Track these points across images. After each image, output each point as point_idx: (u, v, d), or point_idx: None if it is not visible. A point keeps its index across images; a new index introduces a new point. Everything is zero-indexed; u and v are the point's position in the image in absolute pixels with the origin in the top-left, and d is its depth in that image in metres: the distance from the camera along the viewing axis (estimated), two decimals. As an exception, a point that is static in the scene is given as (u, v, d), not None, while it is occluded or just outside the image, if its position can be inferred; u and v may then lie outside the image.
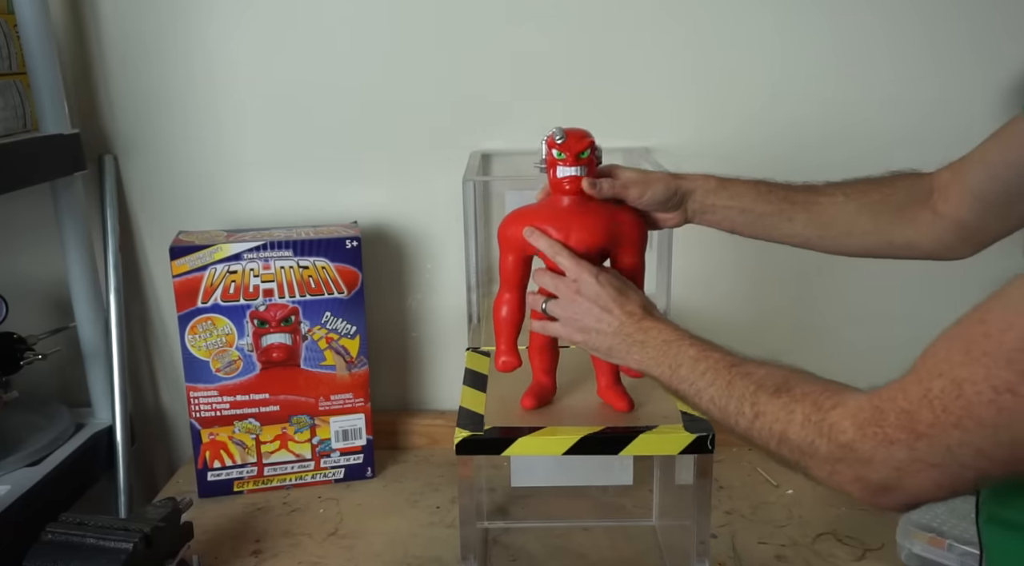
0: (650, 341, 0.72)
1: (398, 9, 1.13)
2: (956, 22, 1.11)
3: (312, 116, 1.17)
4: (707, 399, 0.66)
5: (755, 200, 0.83)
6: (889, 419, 0.52)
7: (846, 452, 0.54)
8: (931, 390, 0.50)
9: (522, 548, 0.99)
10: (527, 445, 0.75)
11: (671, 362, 0.69)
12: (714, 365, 0.67)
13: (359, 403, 1.12)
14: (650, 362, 0.71)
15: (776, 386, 0.61)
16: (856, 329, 1.23)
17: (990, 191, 0.76)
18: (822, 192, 0.83)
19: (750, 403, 0.62)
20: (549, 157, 0.79)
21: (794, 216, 0.83)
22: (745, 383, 0.63)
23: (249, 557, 0.98)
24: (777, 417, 0.59)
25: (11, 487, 0.98)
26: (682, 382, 0.68)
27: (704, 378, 0.66)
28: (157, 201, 1.20)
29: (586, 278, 0.76)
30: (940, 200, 0.80)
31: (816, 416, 0.56)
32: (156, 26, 1.14)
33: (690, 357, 0.68)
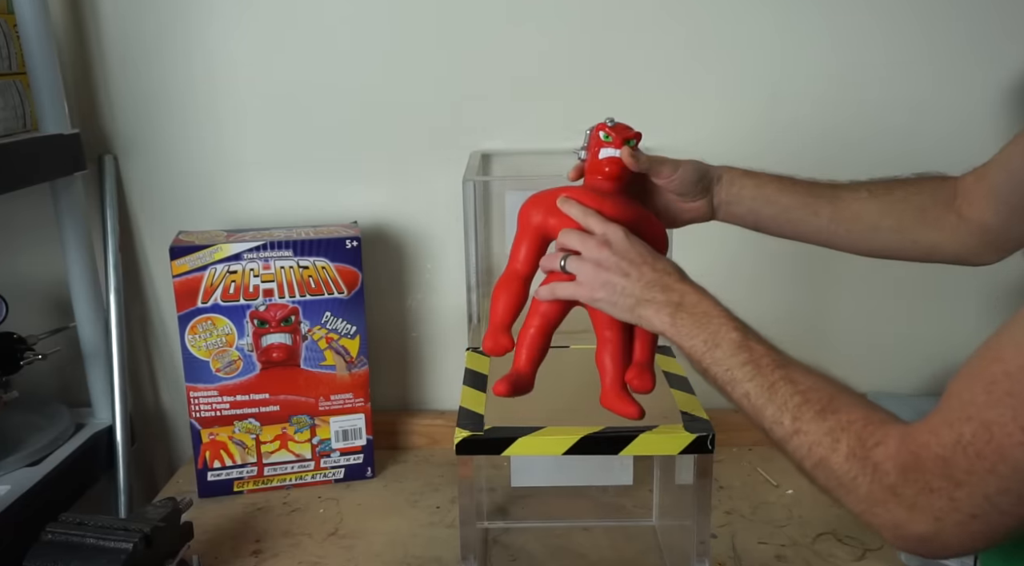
0: (687, 305, 0.68)
1: (398, 9, 1.13)
2: (955, 22, 1.11)
3: (312, 116, 1.17)
4: (741, 392, 0.63)
5: (780, 191, 0.82)
6: (927, 465, 0.50)
7: (888, 496, 0.52)
8: (963, 435, 0.49)
9: (522, 548, 1.00)
10: (527, 445, 0.75)
11: (707, 338, 0.66)
12: (757, 359, 0.63)
13: (359, 403, 1.12)
14: (682, 330, 0.67)
15: (822, 405, 0.58)
16: (855, 328, 1.23)
17: (1013, 194, 0.75)
18: (846, 188, 0.82)
19: (791, 416, 0.59)
20: (594, 139, 0.80)
21: (819, 210, 0.81)
22: (789, 391, 0.60)
23: (249, 557, 0.98)
24: (820, 442, 0.57)
25: (11, 487, 0.98)
26: (716, 364, 0.65)
27: (743, 370, 0.63)
28: (157, 201, 1.20)
29: (616, 233, 0.72)
30: (964, 204, 0.79)
31: (860, 451, 0.55)
32: (156, 26, 1.14)
33: (732, 341, 0.65)
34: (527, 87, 1.15)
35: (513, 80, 1.15)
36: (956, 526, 0.50)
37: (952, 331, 1.23)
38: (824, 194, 0.82)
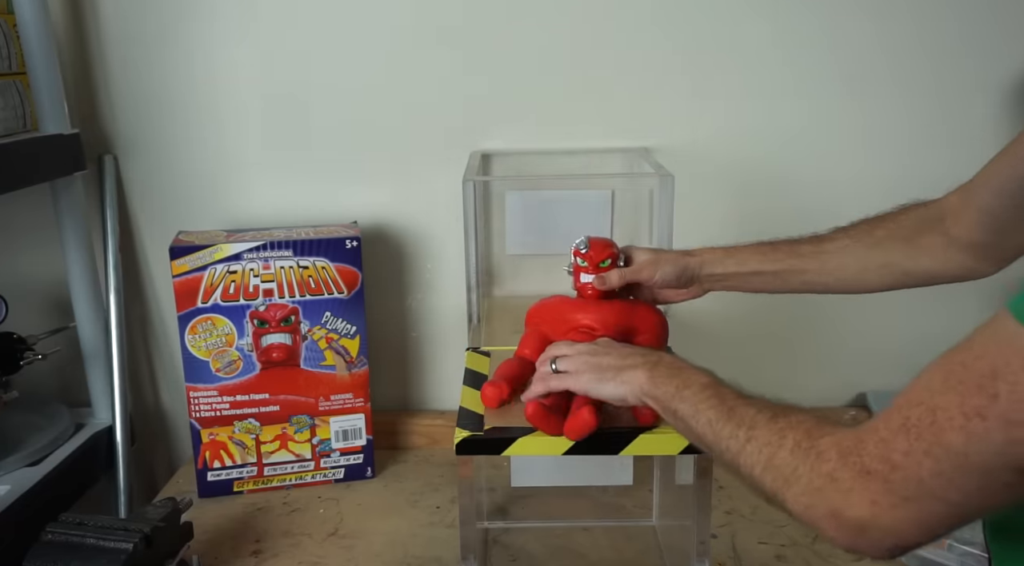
0: (662, 363, 0.71)
1: (398, 9, 1.13)
2: (952, 23, 1.11)
3: (312, 116, 1.17)
4: (704, 421, 0.65)
5: (762, 262, 0.85)
6: (868, 448, 0.51)
7: (826, 482, 0.52)
8: (909, 418, 0.49)
9: (522, 548, 1.00)
10: (527, 445, 0.75)
11: (680, 383, 0.68)
12: (721, 392, 0.66)
13: (359, 403, 1.12)
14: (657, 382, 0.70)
15: (775, 413, 0.60)
16: (855, 328, 1.23)
17: (1000, 207, 0.76)
18: (827, 240, 0.85)
19: (747, 427, 0.60)
20: (575, 264, 0.87)
21: (805, 268, 0.84)
22: (747, 410, 0.62)
23: (249, 557, 0.98)
24: (768, 441, 0.58)
25: (11, 487, 0.98)
26: (683, 402, 0.67)
27: (707, 402, 0.65)
28: (157, 201, 1.20)
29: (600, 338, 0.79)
30: (952, 224, 0.80)
31: (806, 443, 0.55)
32: (156, 26, 1.14)
33: (701, 384, 0.67)
34: (527, 87, 1.15)
35: (513, 80, 1.15)
36: (890, 510, 0.49)
37: (952, 331, 1.22)
38: (805, 252, 0.85)
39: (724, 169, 1.17)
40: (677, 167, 1.02)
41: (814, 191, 1.18)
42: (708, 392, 0.66)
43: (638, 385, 0.71)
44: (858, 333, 1.23)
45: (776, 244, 0.86)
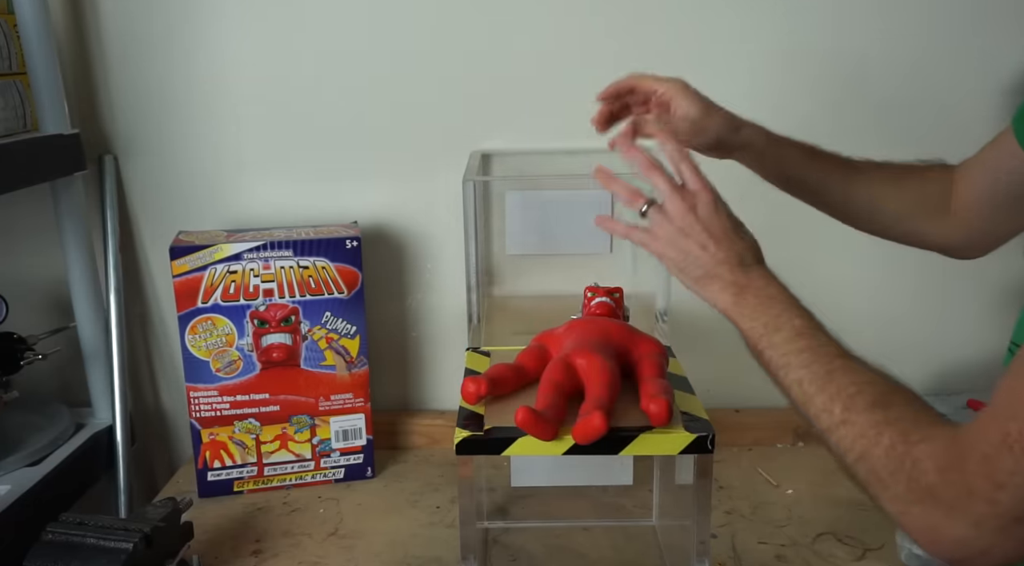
0: (751, 288, 0.67)
1: (398, 10, 1.13)
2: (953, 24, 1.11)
3: (312, 116, 1.17)
4: (794, 378, 0.61)
5: (797, 166, 0.84)
6: (970, 466, 0.48)
7: (926, 495, 0.50)
8: (1009, 434, 0.47)
9: (522, 548, 1.00)
10: (527, 445, 0.75)
11: (769, 321, 0.64)
12: (817, 346, 0.62)
13: (359, 403, 1.12)
14: (744, 311, 0.66)
15: (875, 398, 0.57)
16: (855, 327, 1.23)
17: (993, 195, 0.77)
18: (861, 169, 0.85)
19: (842, 405, 0.57)
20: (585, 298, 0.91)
21: (832, 186, 0.84)
22: (845, 382, 0.58)
23: (249, 557, 0.98)
24: (864, 433, 0.55)
25: (11, 487, 0.98)
26: (773, 348, 0.63)
27: (801, 357, 0.61)
28: (157, 201, 1.20)
29: (706, 197, 0.71)
30: (954, 199, 0.81)
31: (902, 447, 0.52)
32: (156, 25, 1.14)
33: (794, 327, 0.63)
34: (527, 87, 1.15)
35: (514, 80, 1.15)
36: (996, 531, 0.47)
37: (952, 331, 1.23)
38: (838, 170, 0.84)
39: (724, 169, 1.16)
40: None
41: (814, 191, 1.18)
42: (801, 343, 0.62)
43: (720, 304, 0.68)
44: (858, 333, 1.22)
45: (816, 151, 0.84)
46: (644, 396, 0.77)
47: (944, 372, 1.24)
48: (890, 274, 1.21)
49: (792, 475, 1.13)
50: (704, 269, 0.69)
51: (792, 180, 0.85)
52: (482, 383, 0.80)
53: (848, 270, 1.21)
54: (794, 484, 1.11)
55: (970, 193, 0.78)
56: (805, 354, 0.61)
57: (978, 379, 1.22)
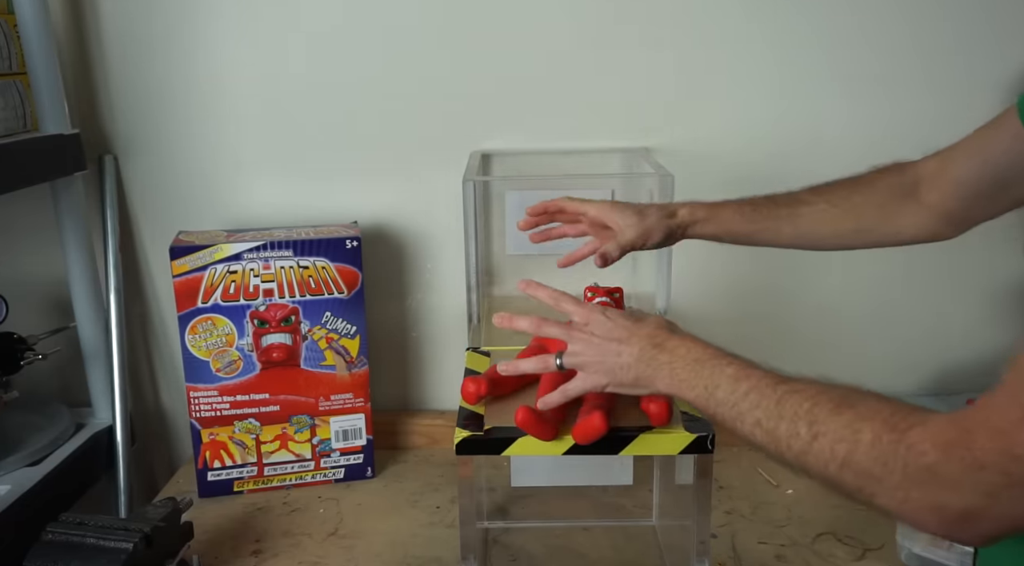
0: (677, 361, 0.68)
1: (398, 9, 1.13)
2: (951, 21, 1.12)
3: (312, 116, 1.17)
4: (751, 422, 0.60)
5: (741, 223, 0.87)
6: (979, 441, 0.48)
7: (927, 476, 0.49)
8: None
9: (522, 548, 1.00)
10: (527, 445, 0.75)
11: (706, 383, 0.65)
12: (757, 384, 0.61)
13: (359, 403, 1.12)
14: (681, 384, 0.67)
15: (836, 403, 0.56)
16: (855, 327, 1.23)
17: (979, 180, 0.76)
18: (805, 202, 0.86)
19: (806, 422, 0.56)
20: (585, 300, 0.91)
21: (780, 230, 0.86)
22: (797, 400, 0.58)
23: (249, 557, 0.98)
24: (841, 436, 0.54)
25: (11, 487, 0.98)
26: (720, 405, 0.63)
27: (747, 399, 0.61)
28: (157, 201, 1.20)
29: (596, 317, 0.73)
30: (926, 190, 0.81)
31: (889, 436, 0.51)
32: (157, 26, 1.13)
33: (728, 376, 0.63)
34: (527, 87, 1.15)
35: (514, 80, 1.15)
36: (1009, 501, 0.47)
37: (952, 331, 1.23)
38: (783, 215, 0.86)
39: (724, 169, 1.17)
40: (677, 167, 1.02)
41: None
42: (742, 387, 0.62)
43: (663, 389, 0.69)
44: (858, 333, 1.23)
45: (756, 203, 0.87)
46: (644, 396, 0.77)
47: (944, 372, 1.24)
48: (890, 274, 1.21)
49: (792, 475, 1.13)
50: (634, 371, 0.71)
51: (743, 237, 0.88)
52: (482, 383, 0.80)
53: (848, 270, 1.21)
54: (794, 484, 1.11)
55: (950, 180, 0.78)
56: (751, 396, 0.61)
57: (978, 379, 1.22)
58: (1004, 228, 1.16)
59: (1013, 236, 1.18)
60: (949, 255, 1.19)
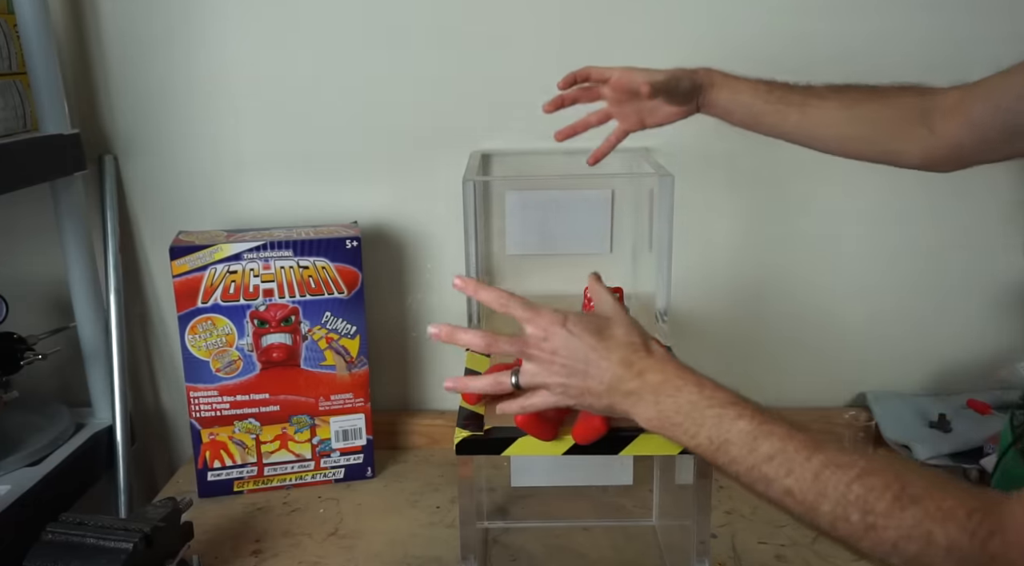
0: (664, 400, 0.61)
1: (398, 9, 1.13)
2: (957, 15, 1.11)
3: (312, 116, 1.17)
4: (780, 490, 0.56)
5: (753, 98, 0.86)
6: None
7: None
8: None
9: (522, 548, 1.00)
10: (527, 445, 0.75)
11: (710, 434, 0.59)
12: (783, 447, 0.56)
13: (359, 403, 1.12)
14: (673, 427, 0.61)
15: (893, 493, 0.51)
16: (855, 327, 1.23)
17: (992, 124, 0.76)
18: (819, 96, 0.86)
19: (859, 510, 0.52)
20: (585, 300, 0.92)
21: (788, 116, 0.86)
22: (842, 479, 0.53)
23: (249, 557, 0.98)
24: (908, 535, 0.50)
25: (11, 487, 0.98)
26: (735, 463, 0.58)
27: (772, 464, 0.56)
28: (157, 201, 1.20)
29: (555, 331, 0.65)
30: (940, 120, 0.80)
31: (967, 543, 0.48)
32: (157, 26, 1.13)
33: (742, 432, 0.57)
34: (527, 87, 1.15)
35: (513, 80, 1.15)
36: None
37: (952, 331, 1.23)
38: (795, 101, 0.85)
39: (724, 169, 1.17)
40: (677, 167, 1.02)
41: (813, 191, 1.18)
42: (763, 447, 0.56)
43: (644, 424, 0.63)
44: (858, 333, 1.23)
45: (772, 85, 0.87)
46: None
47: (944, 372, 1.24)
48: (890, 274, 1.21)
49: (792, 475, 1.13)
50: (601, 398, 0.64)
51: (751, 117, 0.87)
52: None
53: (848, 270, 1.21)
54: (794, 484, 1.11)
55: (966, 118, 0.78)
56: (777, 460, 0.56)
57: (978, 379, 1.22)
58: (1004, 229, 1.18)
59: (1013, 236, 1.18)
60: (949, 255, 1.19)
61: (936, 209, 1.17)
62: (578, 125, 0.95)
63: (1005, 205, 1.17)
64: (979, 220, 1.18)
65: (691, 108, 0.90)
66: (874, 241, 1.20)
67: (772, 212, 1.19)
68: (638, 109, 0.92)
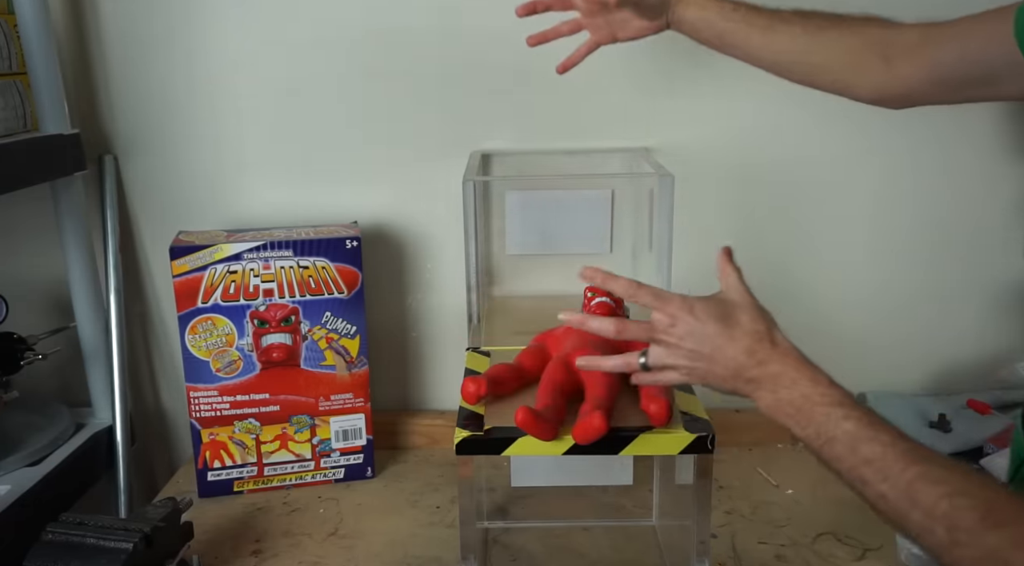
0: (782, 390, 0.64)
1: (398, 9, 1.13)
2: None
3: (312, 116, 1.17)
4: (875, 493, 0.58)
5: (719, 15, 0.87)
6: None
7: None
8: None
9: (522, 548, 1.00)
10: (527, 445, 0.75)
11: (819, 430, 0.61)
12: (882, 454, 0.58)
13: (359, 403, 1.12)
14: (787, 418, 0.64)
15: (979, 514, 0.53)
16: (855, 327, 1.23)
17: (952, 69, 0.76)
18: (783, 20, 0.86)
19: (945, 527, 0.53)
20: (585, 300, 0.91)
21: (751, 37, 0.86)
22: (933, 495, 0.55)
23: (249, 557, 0.98)
24: (987, 557, 0.52)
25: (11, 487, 0.98)
26: (837, 461, 0.60)
27: (871, 468, 0.58)
28: (157, 201, 1.20)
29: (682, 316, 0.68)
30: (899, 58, 0.79)
31: None
32: (157, 26, 1.13)
33: (847, 433, 0.60)
34: (527, 87, 1.15)
35: (513, 80, 1.15)
36: None
37: (952, 331, 1.23)
38: (759, 23, 0.86)
39: (724, 169, 1.17)
40: (677, 167, 1.02)
41: (813, 191, 1.18)
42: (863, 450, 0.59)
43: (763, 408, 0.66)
44: (858, 333, 1.23)
45: (738, 5, 0.87)
46: (644, 396, 0.77)
47: (944, 372, 1.24)
48: (890, 274, 1.21)
49: (792, 475, 1.13)
50: (726, 383, 0.68)
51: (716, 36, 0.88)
52: (482, 383, 0.80)
53: (848, 270, 1.21)
54: (794, 484, 1.11)
55: (926, 61, 0.77)
56: (875, 464, 0.58)
57: (978, 379, 1.22)
58: (1004, 229, 1.18)
59: (1013, 236, 1.18)
60: (949, 255, 1.19)
61: (936, 209, 1.17)
62: (548, 33, 0.95)
63: (1005, 205, 1.18)
64: (979, 220, 1.18)
65: (661, 23, 0.89)
66: (874, 241, 1.20)
67: (772, 212, 1.19)
68: (609, 21, 0.92)
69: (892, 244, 1.20)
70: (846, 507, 1.04)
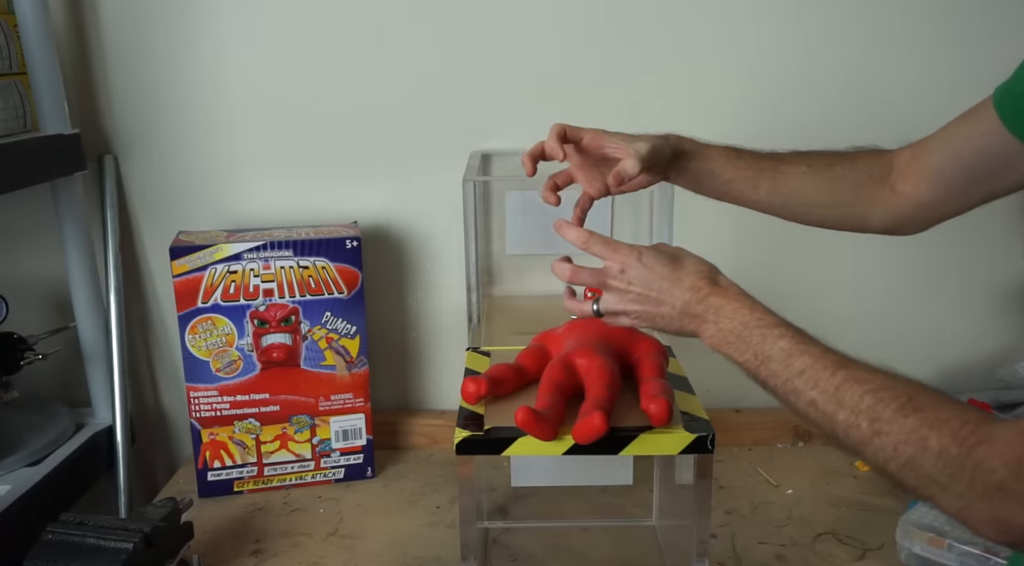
0: (723, 321, 0.68)
1: (399, 9, 1.13)
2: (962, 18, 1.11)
3: (312, 116, 1.17)
4: (806, 401, 0.61)
5: (724, 165, 0.84)
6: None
7: (993, 491, 0.50)
8: None
9: (522, 548, 1.00)
10: (527, 445, 0.75)
11: (756, 351, 0.65)
12: (813, 364, 0.62)
13: (359, 403, 1.12)
14: (728, 346, 0.67)
15: (899, 403, 0.56)
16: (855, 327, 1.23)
17: (952, 173, 0.76)
18: (787, 161, 0.85)
19: (868, 418, 0.57)
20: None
21: (759, 184, 0.84)
22: (858, 391, 0.58)
23: (249, 557, 0.98)
24: (905, 440, 0.54)
25: (11, 487, 0.98)
26: (773, 377, 0.64)
27: (802, 378, 0.61)
28: (157, 201, 1.20)
29: (631, 263, 0.72)
30: (899, 179, 0.81)
31: (956, 449, 0.52)
32: (156, 26, 1.14)
33: (782, 349, 0.64)
34: (527, 87, 1.15)
35: (513, 80, 1.15)
36: None
37: (952, 331, 1.23)
38: (765, 168, 0.84)
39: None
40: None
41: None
42: (797, 364, 0.62)
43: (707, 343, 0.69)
44: (857, 333, 1.22)
45: (740, 152, 0.85)
46: (644, 396, 0.77)
47: (944, 372, 1.24)
48: (890, 274, 1.21)
49: (792, 475, 1.13)
50: (673, 322, 0.71)
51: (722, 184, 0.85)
52: (482, 383, 0.80)
53: (848, 270, 1.21)
54: (794, 484, 1.11)
55: (923, 171, 0.78)
56: (806, 374, 0.62)
57: (978, 379, 1.22)
58: (1004, 228, 1.18)
59: (1013, 236, 1.18)
60: (949, 255, 1.19)
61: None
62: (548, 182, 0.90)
63: (1005, 205, 1.17)
64: (979, 220, 1.18)
65: (661, 177, 0.84)
66: (873, 242, 1.19)
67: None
68: (604, 173, 0.84)
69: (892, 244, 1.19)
70: (846, 507, 1.05)
